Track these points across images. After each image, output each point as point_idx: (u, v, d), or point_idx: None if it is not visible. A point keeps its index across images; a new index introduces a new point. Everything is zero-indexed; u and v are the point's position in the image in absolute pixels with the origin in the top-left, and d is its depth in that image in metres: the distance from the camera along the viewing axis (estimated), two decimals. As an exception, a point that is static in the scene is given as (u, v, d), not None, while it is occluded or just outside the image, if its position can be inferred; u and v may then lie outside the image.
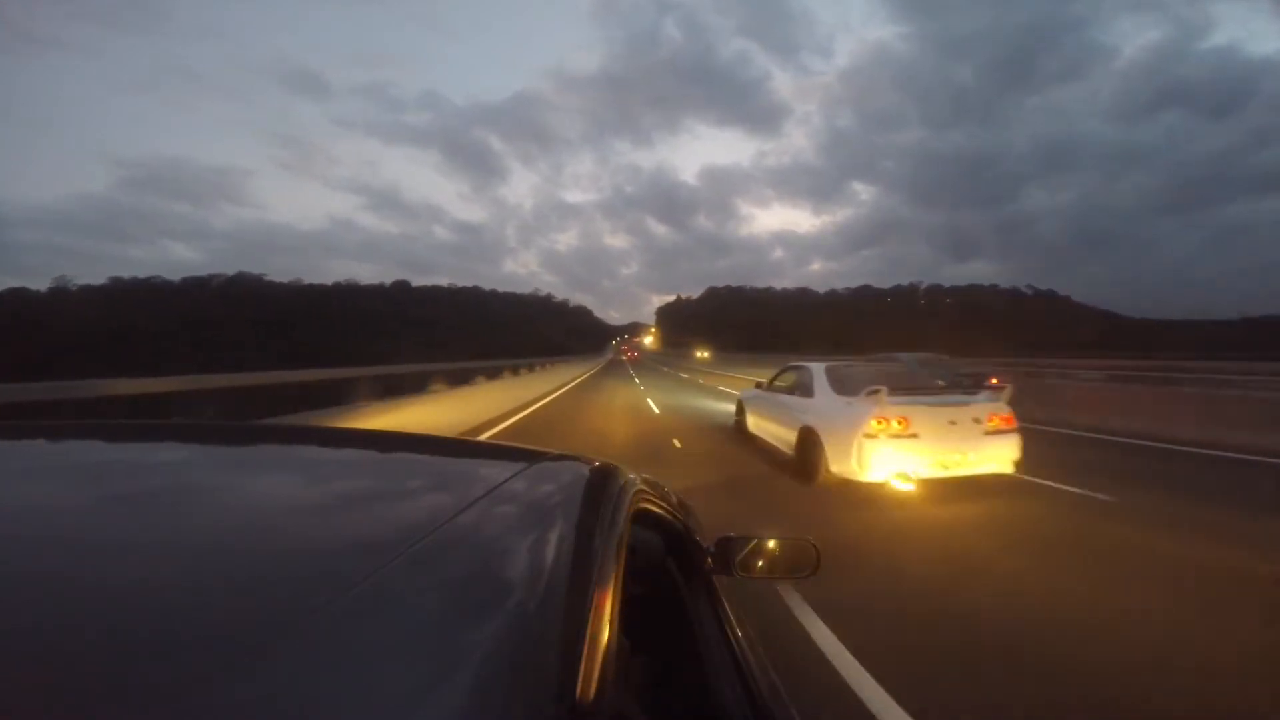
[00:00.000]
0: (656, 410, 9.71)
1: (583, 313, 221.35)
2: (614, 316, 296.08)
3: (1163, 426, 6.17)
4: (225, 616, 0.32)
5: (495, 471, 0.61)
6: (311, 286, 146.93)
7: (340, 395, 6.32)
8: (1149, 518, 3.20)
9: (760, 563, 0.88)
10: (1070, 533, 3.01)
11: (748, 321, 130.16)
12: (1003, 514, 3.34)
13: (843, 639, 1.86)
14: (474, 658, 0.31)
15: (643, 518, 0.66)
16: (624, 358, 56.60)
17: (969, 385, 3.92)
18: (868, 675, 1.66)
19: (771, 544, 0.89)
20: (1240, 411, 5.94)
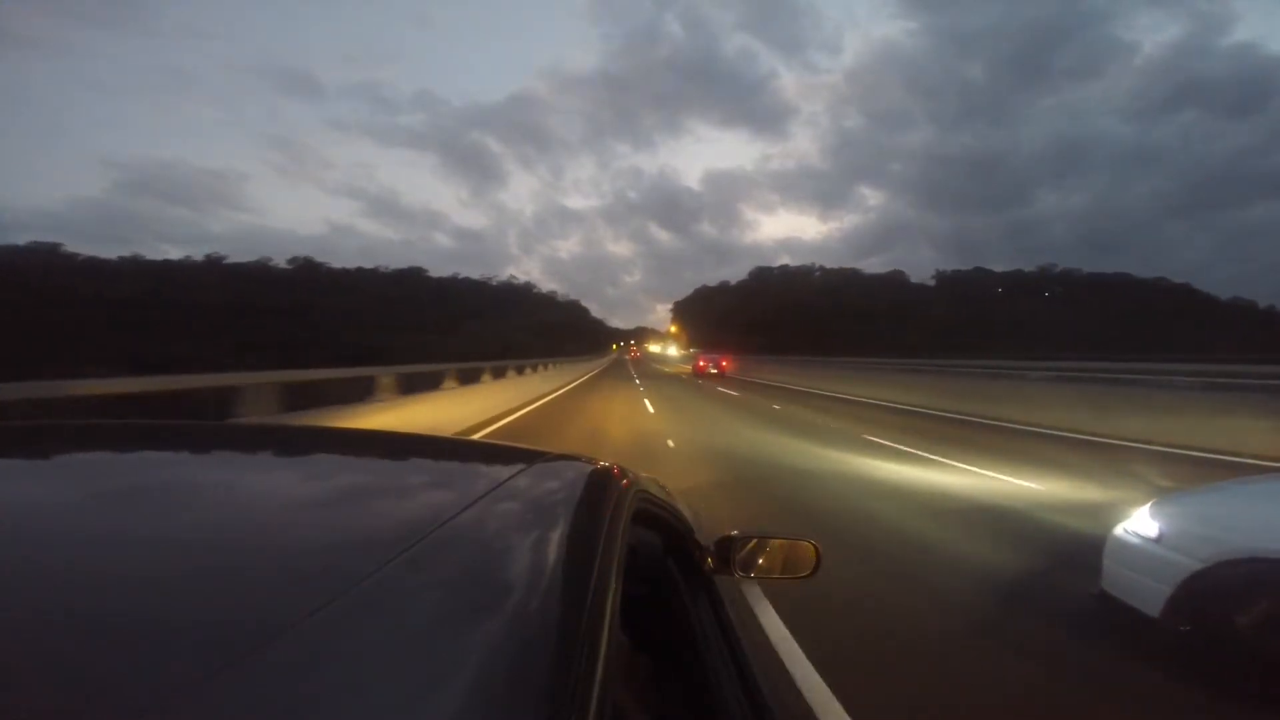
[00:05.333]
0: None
1: (575, 308, 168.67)
2: (618, 323, 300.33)
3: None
4: (225, 616, 0.33)
5: (495, 471, 0.66)
6: (137, 263, 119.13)
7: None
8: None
9: (760, 562, 0.96)
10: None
11: (823, 314, 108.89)
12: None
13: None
14: (474, 658, 0.32)
15: (643, 517, 0.73)
16: (628, 357, 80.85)
17: (717, 358, 29.44)
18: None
19: (771, 544, 0.97)
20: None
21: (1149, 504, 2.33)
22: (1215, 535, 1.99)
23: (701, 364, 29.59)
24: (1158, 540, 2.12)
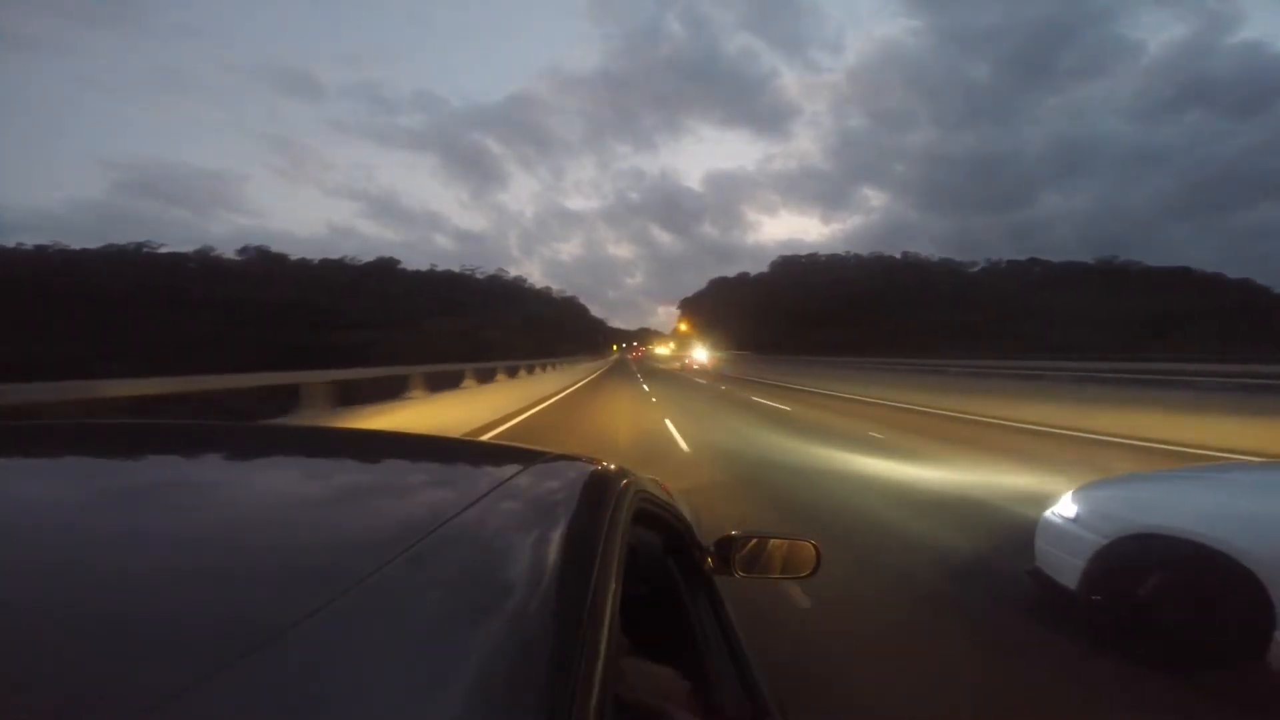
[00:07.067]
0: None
1: (572, 305, 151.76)
2: (619, 324, 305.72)
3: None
4: (225, 616, 0.34)
5: (495, 471, 0.68)
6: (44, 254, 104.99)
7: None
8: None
9: (760, 562, 1.00)
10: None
11: (866, 306, 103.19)
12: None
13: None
14: (473, 658, 0.33)
15: (643, 518, 0.76)
16: (630, 356, 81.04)
17: (705, 357, 49.92)
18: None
19: (771, 544, 1.00)
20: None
21: (1073, 489, 2.63)
22: (1118, 514, 2.26)
23: (688, 361, 45.31)
24: (1075, 520, 2.40)
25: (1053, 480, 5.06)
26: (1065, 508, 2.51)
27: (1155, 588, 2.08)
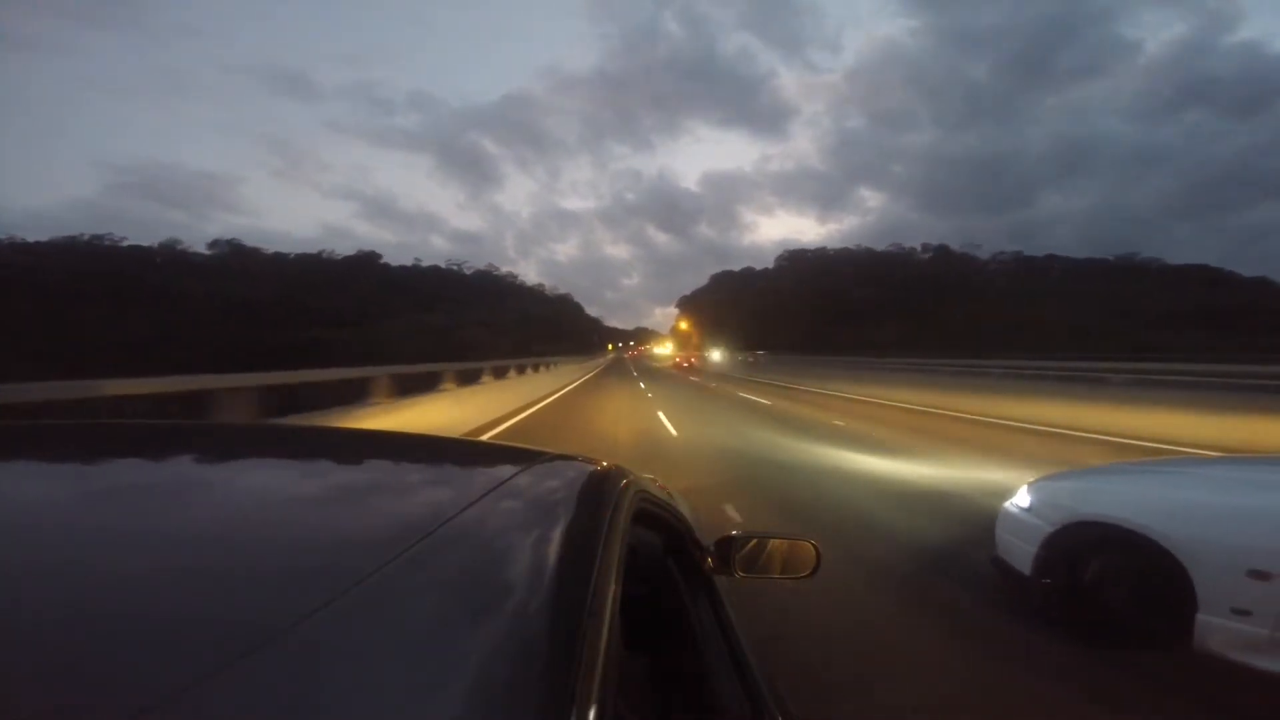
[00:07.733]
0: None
1: (566, 303, 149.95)
2: (616, 323, 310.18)
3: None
4: (226, 615, 0.34)
5: (495, 472, 0.69)
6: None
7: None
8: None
9: (760, 562, 1.02)
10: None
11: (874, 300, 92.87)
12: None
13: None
14: (473, 658, 0.33)
15: (643, 518, 0.77)
16: (628, 356, 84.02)
17: (689, 355, 69.40)
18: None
19: (771, 544, 1.02)
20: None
21: (1029, 482, 2.83)
22: (1063, 503, 2.43)
23: (679, 360, 51.50)
24: (1028, 510, 2.59)
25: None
26: (1021, 498, 2.70)
27: (1096, 572, 2.26)
